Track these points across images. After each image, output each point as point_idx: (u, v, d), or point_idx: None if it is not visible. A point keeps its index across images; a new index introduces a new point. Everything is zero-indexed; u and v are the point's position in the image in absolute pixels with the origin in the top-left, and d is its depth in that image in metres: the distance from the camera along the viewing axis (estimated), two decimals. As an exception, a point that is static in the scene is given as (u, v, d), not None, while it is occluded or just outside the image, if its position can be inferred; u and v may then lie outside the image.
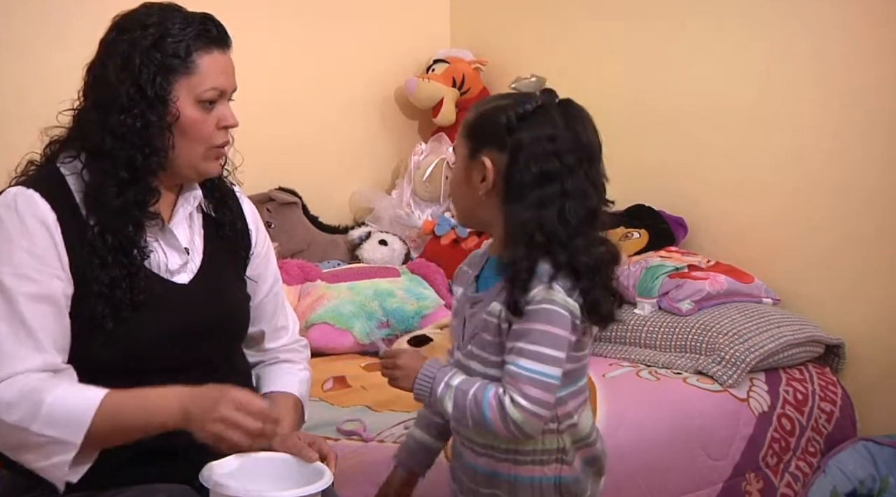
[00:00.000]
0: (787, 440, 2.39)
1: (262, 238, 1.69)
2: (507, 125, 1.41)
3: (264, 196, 3.21)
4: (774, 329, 2.46)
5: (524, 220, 1.39)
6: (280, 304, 1.73)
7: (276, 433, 1.41)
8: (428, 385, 1.45)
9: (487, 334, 1.44)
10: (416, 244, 3.31)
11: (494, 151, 1.42)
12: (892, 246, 2.47)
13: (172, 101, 1.45)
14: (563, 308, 1.38)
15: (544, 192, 1.39)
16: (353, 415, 2.15)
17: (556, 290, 1.38)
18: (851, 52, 2.51)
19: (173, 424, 1.37)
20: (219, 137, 1.51)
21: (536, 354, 1.38)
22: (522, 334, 1.39)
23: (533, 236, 1.39)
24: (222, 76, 1.50)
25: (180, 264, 1.53)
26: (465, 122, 1.48)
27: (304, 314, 2.64)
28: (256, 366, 1.71)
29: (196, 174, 1.53)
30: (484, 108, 1.47)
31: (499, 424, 1.39)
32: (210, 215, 1.60)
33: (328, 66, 3.38)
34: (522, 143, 1.40)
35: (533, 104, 1.42)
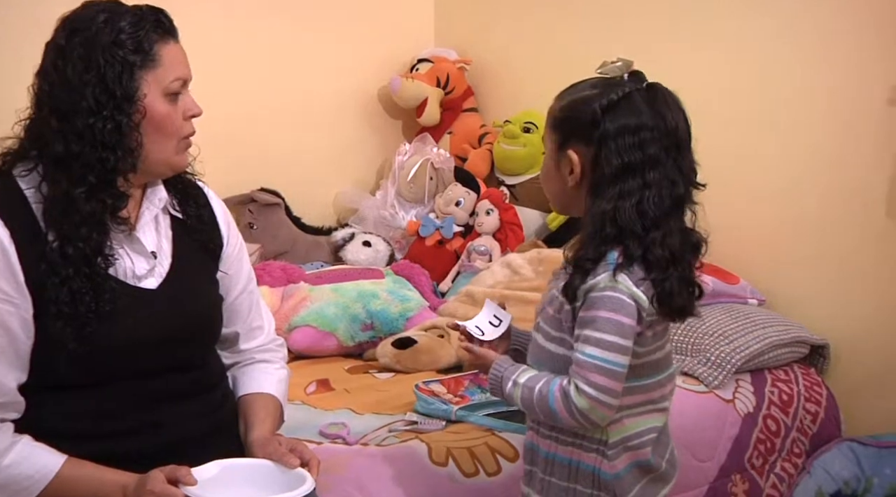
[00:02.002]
0: (772, 441, 2.39)
1: (234, 236, 1.67)
2: (593, 118, 1.42)
3: (246, 197, 3.20)
4: (760, 330, 2.46)
5: (601, 211, 1.41)
6: (255, 304, 1.71)
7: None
8: (497, 383, 1.50)
9: (551, 308, 1.49)
10: (401, 245, 3.30)
11: (581, 145, 1.44)
12: (878, 247, 2.48)
13: (140, 97, 1.43)
14: (627, 296, 1.39)
15: (625, 185, 1.40)
16: (337, 418, 2.14)
17: (622, 278, 1.40)
18: (838, 54, 2.51)
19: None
20: (186, 128, 1.50)
21: (600, 341, 1.39)
22: (588, 322, 1.41)
23: (603, 228, 1.41)
24: (182, 66, 1.49)
25: (147, 269, 1.50)
26: (551, 112, 1.50)
27: (287, 316, 2.62)
28: (232, 367, 1.70)
29: (169, 169, 1.51)
30: (571, 99, 1.48)
31: (564, 414, 1.42)
32: (177, 218, 1.58)
33: (311, 66, 3.37)
34: (607, 136, 1.41)
35: (618, 93, 1.42)
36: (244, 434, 1.58)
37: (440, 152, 3.36)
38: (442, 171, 3.33)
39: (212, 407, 1.58)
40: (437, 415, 2.10)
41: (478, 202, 3.20)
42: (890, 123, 2.41)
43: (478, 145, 3.44)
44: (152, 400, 1.49)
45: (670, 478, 1.57)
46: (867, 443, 2.37)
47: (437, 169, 3.33)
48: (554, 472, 1.52)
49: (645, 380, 1.49)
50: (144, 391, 1.48)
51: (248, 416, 1.60)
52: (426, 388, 2.18)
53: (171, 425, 1.50)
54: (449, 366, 2.47)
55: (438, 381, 2.24)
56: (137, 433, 1.47)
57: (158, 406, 1.49)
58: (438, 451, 1.92)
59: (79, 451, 1.43)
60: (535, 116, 3.22)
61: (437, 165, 3.32)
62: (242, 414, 1.62)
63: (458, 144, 3.47)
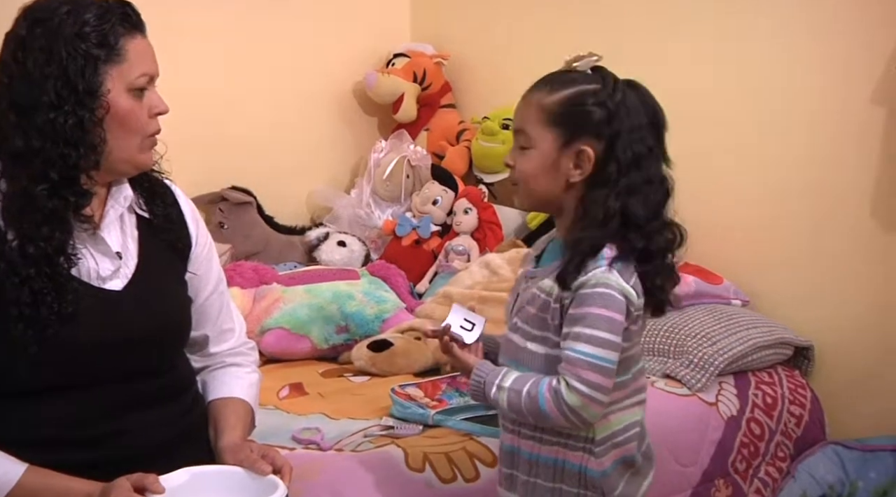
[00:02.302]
0: (756, 445, 2.40)
1: (203, 235, 1.66)
2: (609, 113, 1.45)
3: (217, 195, 3.19)
4: (743, 331, 2.48)
5: (609, 206, 1.44)
6: (225, 306, 1.70)
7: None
8: (480, 388, 1.51)
9: (532, 308, 1.50)
10: (376, 245, 3.30)
11: (592, 140, 1.46)
12: (863, 247, 2.50)
13: (104, 92, 1.41)
14: (618, 292, 1.43)
15: (632, 179, 1.45)
16: (310, 423, 2.13)
17: (613, 274, 1.43)
18: (822, 55, 2.53)
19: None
20: (152, 125, 1.48)
21: (592, 338, 1.41)
22: (578, 319, 1.43)
23: (608, 222, 1.44)
24: (149, 61, 1.47)
25: (112, 270, 1.48)
26: (544, 107, 1.48)
27: (259, 318, 2.62)
28: (201, 371, 1.69)
29: (133, 168, 1.50)
30: (571, 92, 1.47)
31: (556, 414, 1.43)
32: (144, 217, 1.56)
33: (284, 60, 3.36)
34: (621, 132, 1.45)
35: (620, 90, 1.47)
36: (214, 440, 1.57)
37: (417, 149, 3.36)
38: (419, 169, 3.33)
39: (180, 413, 1.57)
40: (413, 419, 2.10)
41: (455, 201, 3.20)
42: (875, 123, 2.43)
43: (455, 142, 3.44)
44: (118, 406, 1.47)
45: (648, 471, 1.60)
46: (852, 446, 2.39)
47: (413, 166, 3.33)
48: (539, 474, 1.53)
49: (627, 374, 1.52)
50: (109, 397, 1.46)
51: (219, 422, 1.58)
52: (402, 392, 2.18)
53: (137, 432, 1.48)
54: (426, 369, 2.47)
55: (415, 385, 2.24)
56: (102, 441, 1.45)
57: (124, 412, 1.47)
58: (415, 457, 1.92)
59: (41, 460, 1.41)
60: (514, 113, 3.22)
61: (414, 163, 3.32)
62: (212, 419, 1.60)
63: (436, 141, 3.47)
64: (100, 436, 1.46)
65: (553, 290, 1.47)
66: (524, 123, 1.50)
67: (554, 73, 1.52)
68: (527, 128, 1.50)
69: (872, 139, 2.44)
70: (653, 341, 2.48)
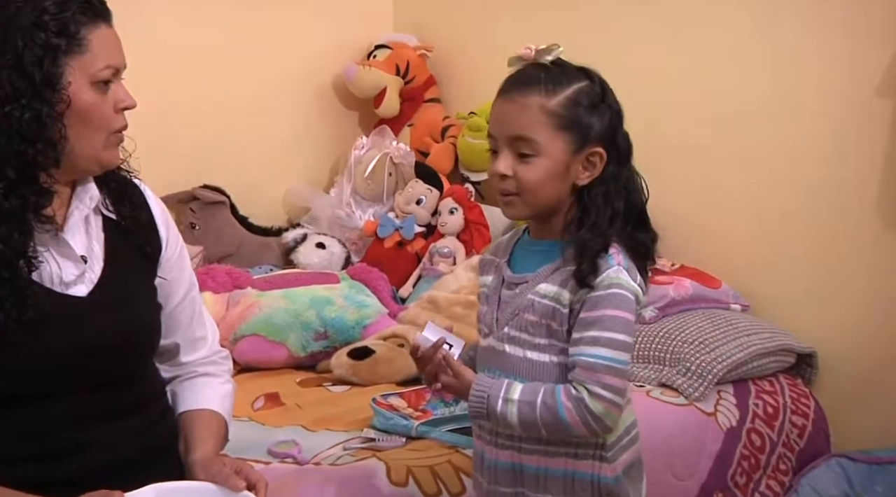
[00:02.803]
0: (757, 457, 2.41)
1: (174, 238, 1.65)
2: (612, 114, 1.49)
3: (188, 195, 3.19)
4: (743, 337, 2.48)
5: (616, 204, 1.48)
6: (197, 313, 1.69)
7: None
8: (482, 403, 1.48)
9: (531, 315, 1.50)
10: (357, 247, 3.29)
11: (599, 141, 1.49)
12: (869, 248, 2.50)
13: (64, 85, 1.40)
14: (630, 292, 1.46)
15: (629, 176, 1.51)
16: (287, 435, 2.13)
17: (624, 273, 1.46)
18: (822, 48, 2.53)
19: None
20: (117, 121, 1.47)
21: (611, 341, 1.44)
22: (593, 322, 1.45)
23: (616, 220, 1.48)
24: (114, 52, 1.45)
25: (76, 275, 1.47)
26: (550, 111, 1.47)
27: (233, 325, 2.61)
28: (171, 382, 1.68)
29: (98, 166, 1.48)
30: (567, 94, 1.48)
31: (578, 423, 1.44)
32: (111, 218, 1.55)
33: (259, 52, 3.36)
34: (618, 129, 1.50)
35: (603, 84, 1.51)
36: (185, 454, 1.56)
37: (400, 146, 3.35)
38: (402, 167, 3.33)
39: (148, 425, 1.56)
40: (396, 431, 2.10)
41: (441, 200, 3.20)
42: (881, 118, 2.43)
43: (441, 139, 3.44)
44: (81, 418, 1.46)
45: (643, 474, 1.61)
46: (858, 458, 2.39)
47: (396, 164, 3.32)
48: (548, 488, 1.53)
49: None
50: (72, 409, 1.45)
51: (190, 435, 1.58)
52: (384, 402, 2.17)
53: (101, 446, 1.47)
54: (409, 378, 2.46)
55: (398, 395, 2.24)
56: (65, 455, 1.44)
57: (88, 425, 1.46)
58: (398, 471, 1.92)
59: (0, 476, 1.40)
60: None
61: (397, 160, 3.32)
62: (183, 432, 1.60)
63: (420, 138, 3.47)
64: (61, 450, 1.45)
65: (560, 294, 1.48)
66: (525, 129, 1.48)
67: (531, 71, 1.50)
68: (530, 134, 1.48)
69: (878, 134, 2.44)
70: (648, 348, 2.48)
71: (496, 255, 1.63)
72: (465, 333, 2.58)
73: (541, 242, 1.56)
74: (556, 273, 1.50)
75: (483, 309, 1.61)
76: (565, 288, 1.48)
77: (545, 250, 1.54)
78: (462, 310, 2.65)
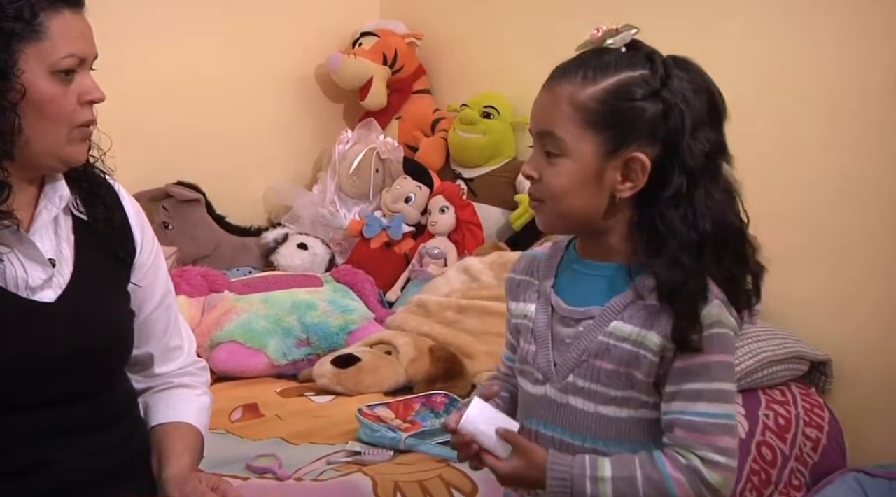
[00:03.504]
0: (767, 472, 2.40)
1: (150, 242, 1.65)
2: (665, 108, 1.30)
3: (160, 192, 3.19)
4: (752, 344, 2.48)
5: (702, 228, 1.30)
6: (172, 321, 1.69)
7: None
8: (567, 486, 1.31)
9: (607, 362, 1.34)
10: (342, 248, 3.30)
11: (646, 143, 1.31)
12: (888, 252, 2.51)
13: (17, 73, 1.38)
14: (731, 329, 1.32)
15: (709, 191, 1.31)
16: (267, 449, 2.13)
17: (724, 309, 1.31)
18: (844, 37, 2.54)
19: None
20: (82, 115, 1.45)
21: (717, 393, 1.30)
22: (697, 372, 1.29)
23: (703, 249, 1.30)
24: (79, 41, 1.44)
25: (44, 279, 1.46)
26: (579, 104, 1.32)
27: (209, 331, 2.61)
28: (144, 393, 1.67)
29: (60, 162, 1.47)
30: (610, 84, 1.31)
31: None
32: (82, 219, 1.55)
33: (238, 40, 3.36)
34: (683, 129, 1.30)
35: (671, 75, 1.32)
36: (157, 470, 1.56)
37: (387, 140, 3.36)
38: (389, 162, 3.33)
39: (118, 439, 1.55)
40: (383, 444, 2.10)
41: (431, 198, 3.20)
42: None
43: (431, 133, 3.45)
44: (47, 433, 1.45)
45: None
46: (876, 474, 2.39)
47: (383, 160, 3.33)
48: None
49: None
50: (37, 422, 1.44)
51: (163, 450, 1.58)
52: (371, 413, 2.18)
53: (68, 462, 1.46)
54: (397, 387, 2.46)
55: (385, 405, 2.24)
56: (29, 472, 1.43)
57: (54, 440, 1.46)
58: (385, 486, 1.91)
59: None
60: (496, 99, 3.22)
61: (384, 156, 3.32)
62: (156, 447, 1.60)
63: (408, 131, 3.48)
64: (24, 466, 1.44)
65: (644, 337, 1.31)
66: (552, 124, 1.33)
67: (584, 56, 1.35)
68: (556, 130, 1.33)
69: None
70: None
71: (531, 275, 1.44)
72: (456, 340, 2.60)
73: (598, 266, 1.38)
74: (632, 307, 1.33)
75: (528, 348, 1.41)
76: (651, 329, 1.31)
77: (608, 276, 1.36)
78: (453, 315, 2.65)
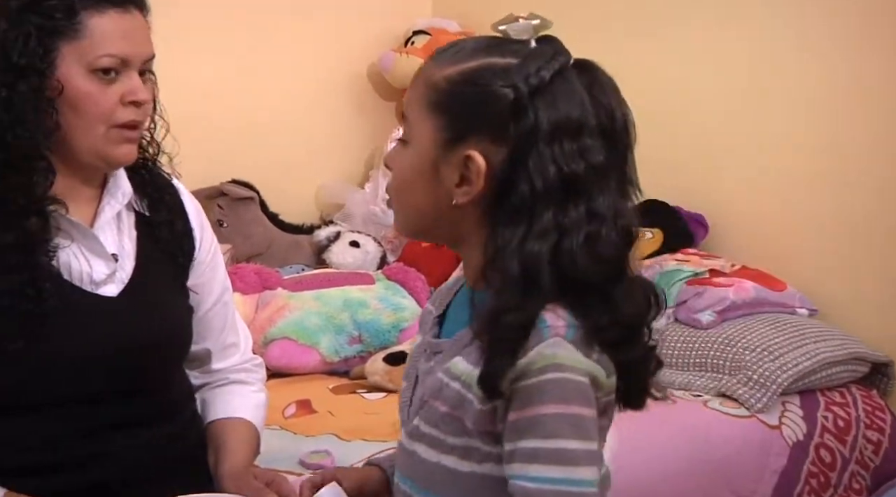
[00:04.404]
0: (826, 475, 2.38)
1: (209, 241, 1.66)
2: (515, 102, 1.07)
3: (215, 190, 3.20)
4: (811, 344, 2.45)
5: (531, 253, 1.06)
6: (229, 318, 1.70)
7: None
8: None
9: (441, 403, 1.13)
10: (393, 246, 3.29)
11: (487, 141, 1.09)
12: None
13: (52, 70, 1.39)
14: (578, 372, 1.06)
15: (566, 211, 1.07)
16: (319, 445, 2.13)
17: (565, 347, 1.06)
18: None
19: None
20: (123, 114, 1.44)
21: (558, 455, 1.04)
22: (528, 427, 1.06)
23: (536, 278, 1.06)
24: (123, 41, 1.42)
25: (107, 274, 1.48)
26: (432, 84, 1.13)
27: (262, 328, 2.62)
28: (201, 389, 1.69)
29: (101, 161, 1.47)
30: (469, 66, 1.11)
31: None
32: (143, 214, 1.56)
33: (290, 40, 3.36)
34: (538, 132, 1.07)
35: (549, 68, 1.08)
36: (214, 465, 1.56)
37: (439, 139, 3.34)
38: (441, 161, 3.31)
39: (176, 434, 1.56)
40: (436, 442, 2.08)
41: (483, 196, 3.18)
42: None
43: (482, 131, 3.43)
44: (104, 426, 1.47)
45: None
46: (939, 477, 2.36)
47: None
48: None
49: None
50: (96, 415, 1.46)
51: (220, 445, 1.58)
52: (424, 411, 2.16)
53: (125, 455, 1.48)
54: (450, 385, 2.45)
55: (438, 403, 2.22)
56: (84, 465, 1.45)
57: (111, 433, 1.47)
58: (439, 485, 1.90)
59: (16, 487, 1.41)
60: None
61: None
62: (213, 442, 1.61)
63: (460, 130, 3.46)
64: (83, 458, 1.46)
65: (472, 377, 1.08)
66: (407, 105, 1.17)
67: (478, 38, 1.17)
68: (407, 111, 1.16)
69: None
70: (705, 355, 2.48)
71: (434, 305, 1.25)
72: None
73: (470, 290, 1.17)
74: (473, 344, 1.10)
75: (403, 385, 1.25)
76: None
77: (469, 302, 1.16)
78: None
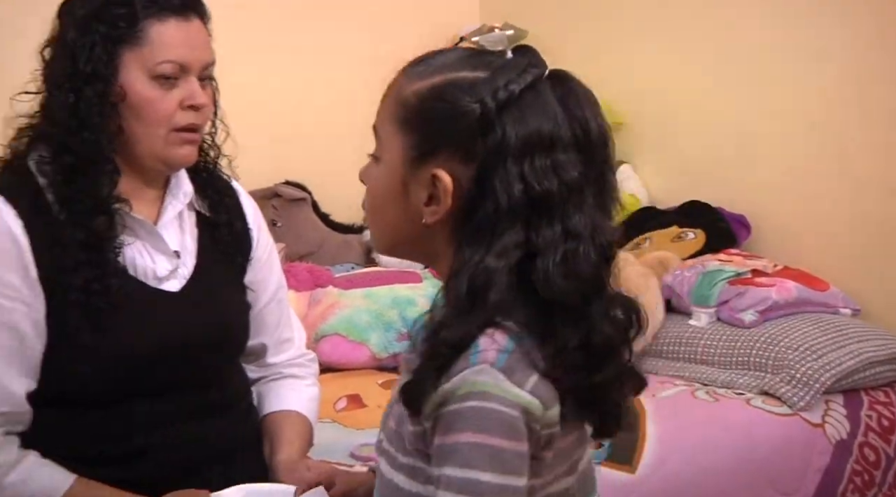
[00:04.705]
0: (870, 473, 2.36)
1: (265, 240, 1.69)
2: (482, 118, 1.02)
3: (269, 191, 3.22)
4: (854, 344, 2.44)
5: (489, 270, 1.01)
6: (284, 314, 1.72)
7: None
8: None
9: (392, 420, 1.09)
10: (441, 246, 3.29)
11: (456, 159, 1.04)
12: None
13: (115, 76, 1.43)
14: (505, 404, 0.98)
15: (538, 231, 1.01)
16: (369, 438, 2.09)
17: (491, 374, 0.98)
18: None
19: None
20: (182, 118, 1.48)
21: (470, 486, 0.97)
22: (447, 453, 0.99)
23: (484, 297, 1.00)
24: (182, 48, 1.45)
25: (170, 270, 1.52)
26: (400, 99, 1.09)
27: (314, 324, 2.64)
28: (258, 382, 1.71)
29: (161, 163, 1.50)
30: (438, 81, 1.07)
31: None
32: (204, 214, 1.60)
33: (342, 44, 3.38)
34: (506, 148, 1.01)
35: (519, 82, 1.03)
36: (269, 456, 1.59)
37: (486, 141, 3.34)
38: (488, 162, 3.32)
39: (233, 426, 1.59)
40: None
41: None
42: None
43: (529, 132, 3.42)
44: (168, 418, 1.50)
45: None
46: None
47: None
48: None
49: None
50: (159, 408, 1.49)
51: (275, 437, 1.61)
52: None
53: (188, 447, 1.51)
54: (496, 381, 2.46)
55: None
56: (150, 455, 1.49)
57: (174, 425, 1.51)
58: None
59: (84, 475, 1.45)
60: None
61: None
62: (268, 434, 1.63)
63: (509, 131, 3.46)
64: (145, 449, 1.49)
65: None
66: (379, 120, 1.13)
67: (451, 50, 1.15)
68: (378, 127, 1.13)
69: None
70: (748, 354, 2.46)
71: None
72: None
73: None
74: None
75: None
76: None
77: None
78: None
